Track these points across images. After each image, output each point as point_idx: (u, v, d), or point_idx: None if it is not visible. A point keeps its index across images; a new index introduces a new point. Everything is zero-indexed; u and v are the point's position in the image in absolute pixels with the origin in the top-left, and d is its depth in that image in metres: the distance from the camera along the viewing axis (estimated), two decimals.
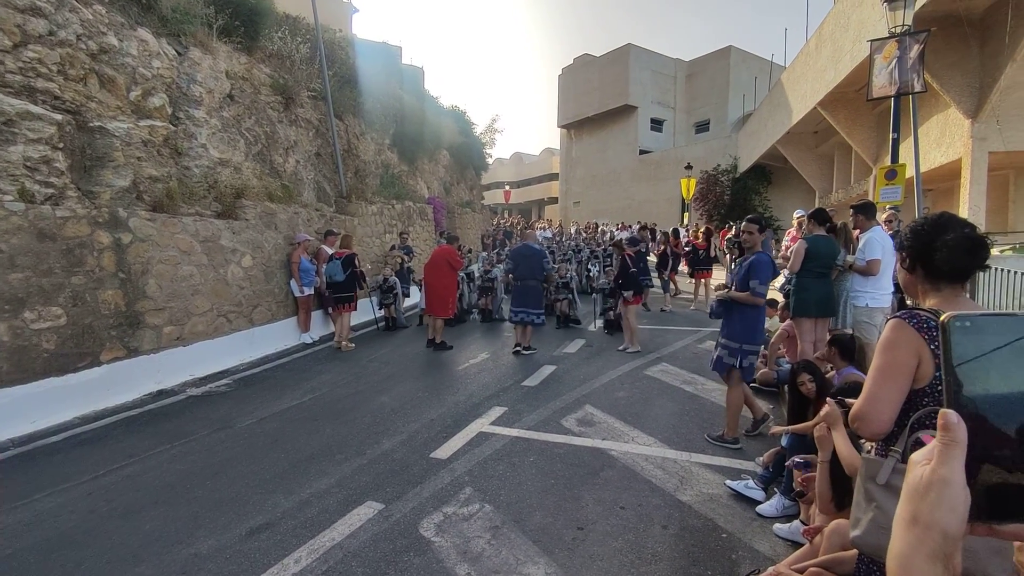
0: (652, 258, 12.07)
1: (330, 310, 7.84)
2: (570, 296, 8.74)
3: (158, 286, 5.89)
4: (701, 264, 10.24)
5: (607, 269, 8.73)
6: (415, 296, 10.95)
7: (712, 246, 11.47)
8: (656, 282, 11.23)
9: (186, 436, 4.48)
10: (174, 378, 5.94)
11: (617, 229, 22.47)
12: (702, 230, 10.71)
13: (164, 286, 5.96)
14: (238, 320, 6.99)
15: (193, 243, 6.35)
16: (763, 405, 4.40)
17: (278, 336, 7.59)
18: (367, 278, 9.84)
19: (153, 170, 6.21)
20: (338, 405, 5.26)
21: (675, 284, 11.65)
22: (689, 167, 22.60)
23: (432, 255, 7.23)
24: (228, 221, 6.99)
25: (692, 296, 10.71)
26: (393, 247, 10.49)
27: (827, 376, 3.26)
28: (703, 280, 10.31)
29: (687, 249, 11.22)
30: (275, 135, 8.81)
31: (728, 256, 11.66)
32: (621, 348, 7.05)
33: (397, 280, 9.14)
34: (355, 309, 7.93)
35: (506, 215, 34.17)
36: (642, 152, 31.74)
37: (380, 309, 9.10)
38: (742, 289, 3.83)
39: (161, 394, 5.61)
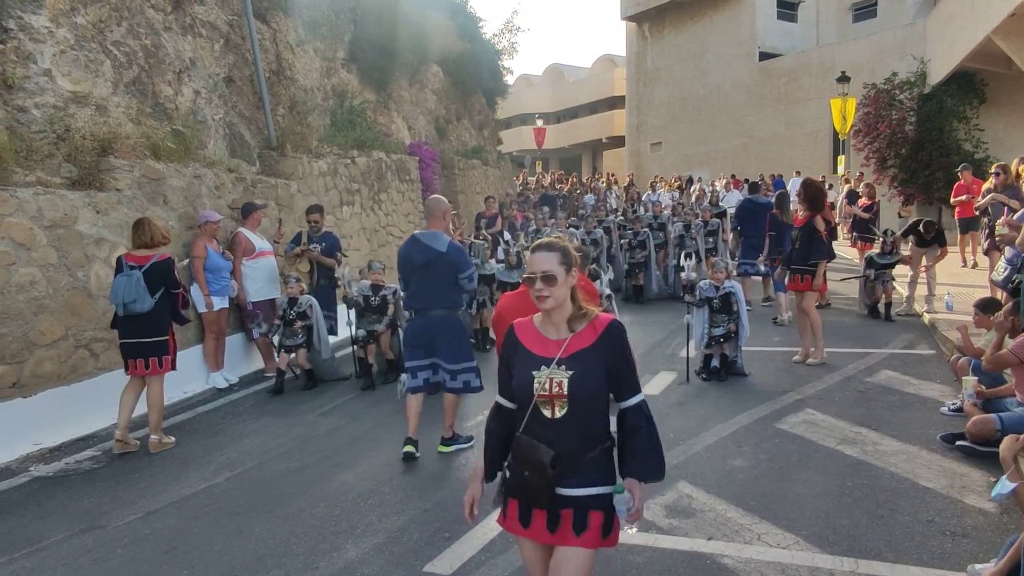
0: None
1: (129, 367, 6.24)
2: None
3: None
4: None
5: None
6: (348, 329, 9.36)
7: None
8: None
9: (30, 543, 4.52)
10: (8, 451, 6.03)
11: (725, 187, 22.21)
12: (844, 188, 10.48)
13: None
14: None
15: (34, 230, 6.44)
16: (980, 477, 4.26)
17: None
18: (236, 302, 8.54)
19: None
20: (273, 489, 5.30)
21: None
22: (844, 78, 22.05)
23: None
24: (89, 193, 7.09)
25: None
26: (297, 240, 9.31)
27: None
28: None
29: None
30: (160, 51, 8.94)
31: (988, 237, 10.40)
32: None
33: (314, 302, 8.38)
34: (162, 371, 6.36)
35: (539, 169, 34.00)
36: (764, 56, 31.36)
37: (280, 354, 8.20)
38: None
39: None
